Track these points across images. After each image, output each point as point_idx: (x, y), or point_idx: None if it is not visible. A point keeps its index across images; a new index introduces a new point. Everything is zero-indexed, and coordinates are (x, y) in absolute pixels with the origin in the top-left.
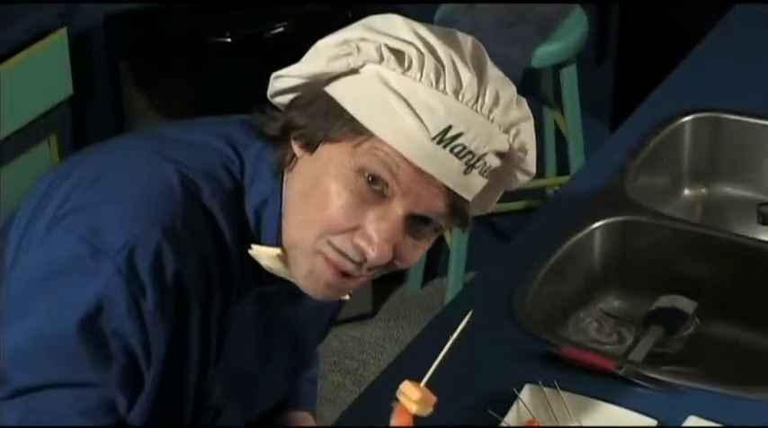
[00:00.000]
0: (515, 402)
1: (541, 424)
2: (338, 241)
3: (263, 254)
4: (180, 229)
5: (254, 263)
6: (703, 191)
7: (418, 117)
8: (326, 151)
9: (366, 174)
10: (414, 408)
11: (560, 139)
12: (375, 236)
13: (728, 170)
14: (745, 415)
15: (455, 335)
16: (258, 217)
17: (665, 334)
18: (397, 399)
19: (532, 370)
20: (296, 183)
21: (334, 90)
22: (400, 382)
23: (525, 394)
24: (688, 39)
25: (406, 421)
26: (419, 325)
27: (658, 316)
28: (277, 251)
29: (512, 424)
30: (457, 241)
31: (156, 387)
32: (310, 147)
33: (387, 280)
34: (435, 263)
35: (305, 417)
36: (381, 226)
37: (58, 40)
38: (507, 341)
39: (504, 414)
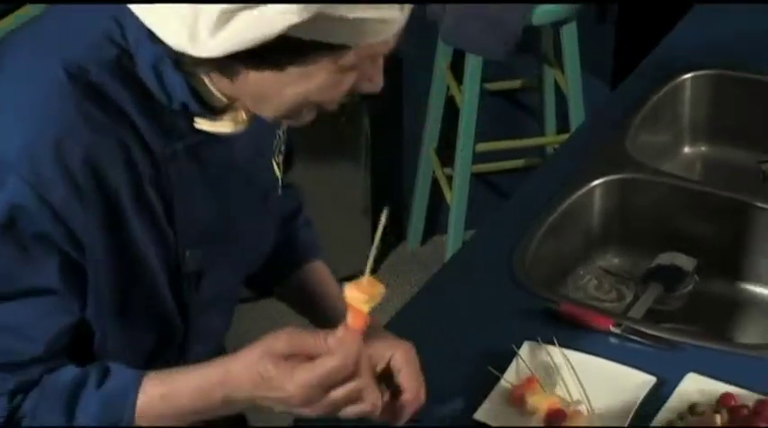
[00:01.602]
0: (515, 359)
1: (541, 381)
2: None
3: (217, 127)
4: (76, 117)
5: (169, 120)
6: (703, 148)
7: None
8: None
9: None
10: (365, 308)
11: (560, 98)
12: (378, 80)
13: (729, 127)
14: (743, 373)
15: (379, 232)
16: (158, 74)
17: (664, 292)
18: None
19: (532, 328)
20: (249, 87)
21: (296, 30)
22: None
23: (524, 351)
24: None
25: (363, 321)
26: (419, 283)
27: (658, 274)
28: (229, 126)
29: (511, 381)
30: (457, 199)
31: (111, 272)
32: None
33: (386, 239)
34: (435, 220)
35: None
36: (377, 75)
37: None
38: (507, 298)
39: (503, 370)
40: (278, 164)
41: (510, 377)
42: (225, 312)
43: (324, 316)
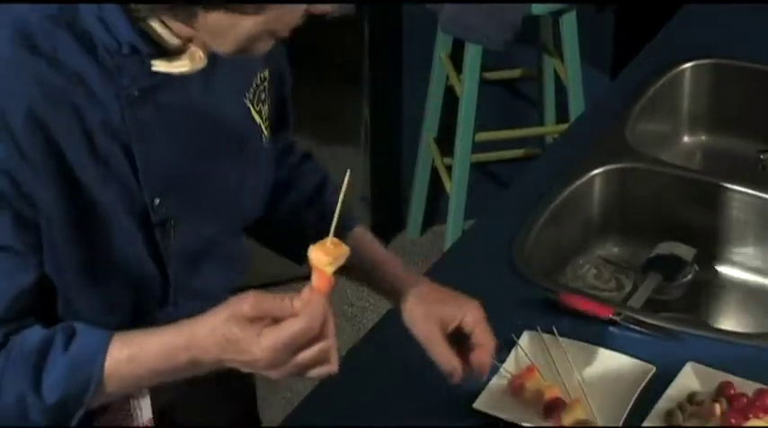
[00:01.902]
0: (514, 348)
1: (540, 370)
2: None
3: (174, 67)
4: (16, 73)
5: (119, 64)
6: (703, 137)
7: None
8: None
9: None
10: (329, 270)
11: (560, 87)
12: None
13: (728, 117)
14: (742, 362)
15: (342, 193)
16: (101, 18)
17: (663, 281)
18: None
19: (531, 317)
20: (207, 26)
21: None
22: (398, 329)
23: (524, 340)
24: None
25: (327, 283)
26: (419, 272)
27: (657, 263)
28: (187, 65)
29: (510, 370)
30: (456, 188)
31: (68, 226)
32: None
33: (386, 228)
34: (435, 210)
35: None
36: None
37: None
38: (506, 288)
39: (503, 360)
40: (258, 113)
41: (509, 366)
42: (222, 268)
43: (378, 283)
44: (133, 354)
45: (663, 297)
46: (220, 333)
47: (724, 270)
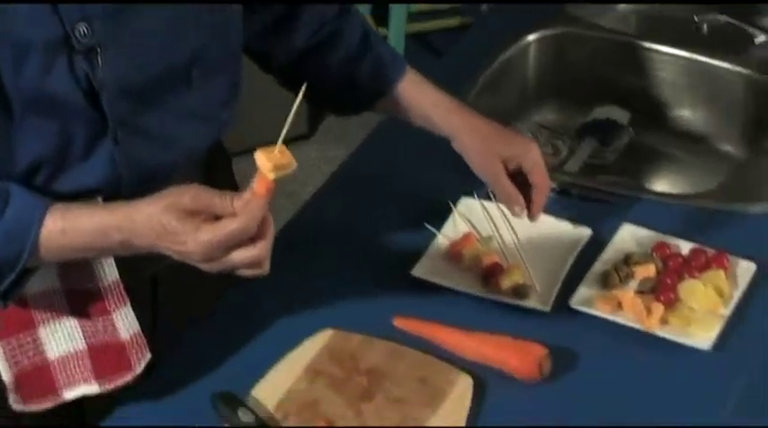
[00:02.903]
0: (451, 215)
1: (478, 236)
2: None
3: None
4: None
5: None
6: (639, 3)
7: None
8: None
9: None
10: (271, 176)
11: None
12: None
13: None
14: (677, 222)
15: (295, 105)
16: None
17: (599, 146)
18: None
19: (469, 184)
20: None
21: None
22: (336, 199)
23: (462, 207)
24: None
25: (266, 187)
26: (356, 144)
27: (593, 128)
28: None
29: (449, 237)
30: None
31: None
32: None
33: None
34: None
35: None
36: None
37: None
38: (444, 154)
39: (440, 227)
40: None
41: (447, 233)
42: (182, 116)
43: (432, 127)
44: (67, 228)
45: (599, 161)
46: (157, 220)
47: (659, 133)
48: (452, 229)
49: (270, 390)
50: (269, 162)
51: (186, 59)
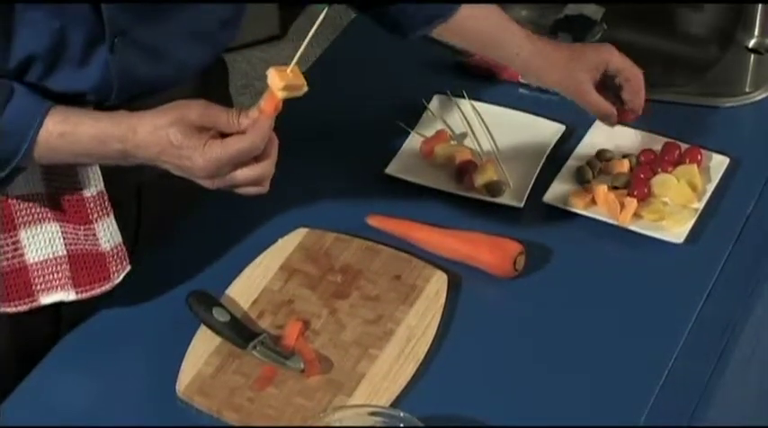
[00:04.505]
0: (424, 112)
1: (451, 134)
2: None
3: None
4: None
5: None
6: None
7: None
8: None
9: None
10: (280, 95)
11: None
12: None
13: None
14: (650, 118)
15: (315, 27)
16: None
17: (573, 42)
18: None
19: (441, 82)
20: None
21: None
22: (307, 100)
23: (434, 104)
24: None
25: (273, 106)
26: (328, 43)
27: (566, 24)
28: None
29: (422, 134)
30: None
31: None
32: None
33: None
34: None
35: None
36: None
37: None
38: (416, 51)
39: (413, 125)
40: None
41: (421, 131)
42: (184, 34)
43: (498, 56)
44: (67, 132)
45: None
46: (164, 134)
47: (632, 28)
48: (426, 127)
49: (245, 289)
50: (281, 81)
51: None
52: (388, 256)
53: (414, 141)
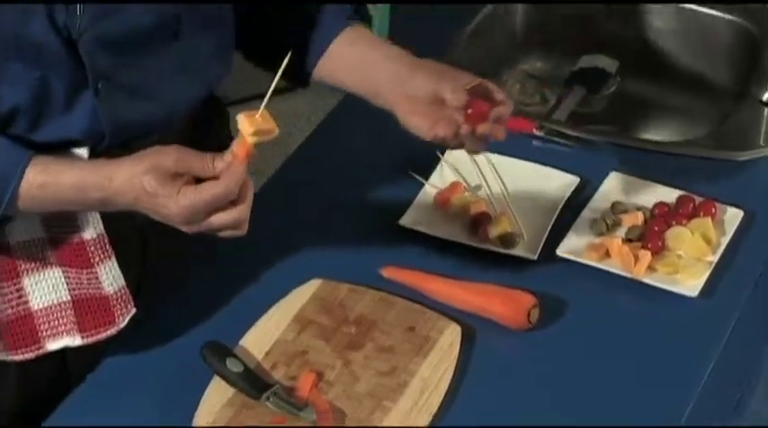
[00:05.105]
0: (439, 164)
1: (466, 185)
2: None
3: None
4: None
5: None
6: None
7: None
8: None
9: None
10: (251, 140)
11: None
12: None
13: None
14: (664, 170)
15: (279, 72)
16: None
17: (587, 94)
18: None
19: None
20: None
21: None
22: (323, 150)
23: (449, 156)
24: None
25: (245, 151)
26: (342, 93)
27: (581, 76)
28: None
29: (436, 186)
30: (381, 10)
31: None
32: None
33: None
34: None
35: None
36: None
37: None
38: None
39: (427, 176)
40: None
41: (435, 182)
42: (167, 70)
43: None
44: (47, 182)
45: (587, 109)
46: (138, 182)
47: (647, 81)
48: (440, 179)
49: (259, 340)
50: (251, 127)
51: (175, 12)
52: (401, 308)
53: (428, 192)
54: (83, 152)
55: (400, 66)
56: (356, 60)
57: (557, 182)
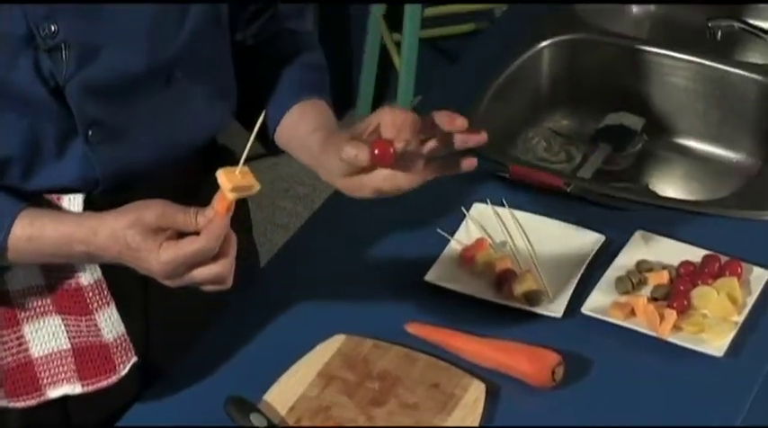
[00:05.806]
0: (464, 220)
1: (491, 242)
2: None
3: None
4: None
5: None
6: (652, 8)
7: None
8: None
9: None
10: (230, 196)
11: None
12: None
13: None
14: (690, 229)
15: (255, 129)
16: None
17: (612, 152)
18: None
19: (481, 191)
20: None
21: None
22: (349, 204)
23: (474, 212)
24: None
25: (225, 207)
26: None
27: (606, 134)
28: None
29: (462, 243)
30: (405, 64)
31: None
32: None
33: (335, 106)
34: (384, 87)
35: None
36: None
37: None
38: None
39: (453, 232)
40: None
41: (460, 238)
42: (161, 118)
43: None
44: (33, 236)
45: (612, 167)
46: (121, 236)
47: (672, 139)
48: (465, 235)
49: (282, 395)
50: (230, 183)
51: (169, 59)
52: (426, 364)
53: (453, 249)
54: (78, 199)
55: (312, 145)
56: (295, 135)
57: (582, 240)
